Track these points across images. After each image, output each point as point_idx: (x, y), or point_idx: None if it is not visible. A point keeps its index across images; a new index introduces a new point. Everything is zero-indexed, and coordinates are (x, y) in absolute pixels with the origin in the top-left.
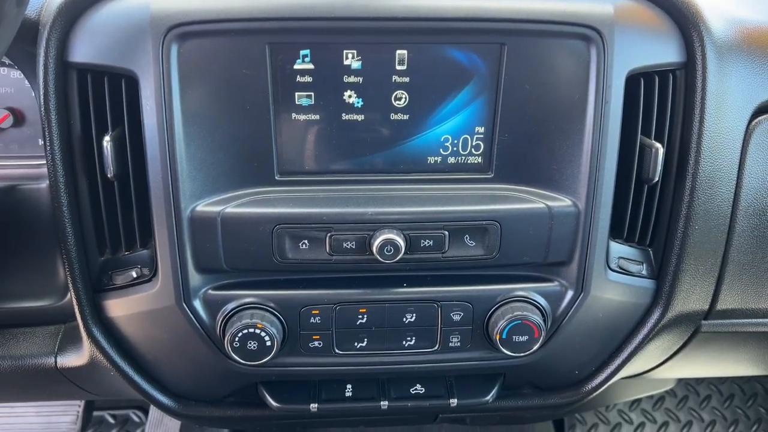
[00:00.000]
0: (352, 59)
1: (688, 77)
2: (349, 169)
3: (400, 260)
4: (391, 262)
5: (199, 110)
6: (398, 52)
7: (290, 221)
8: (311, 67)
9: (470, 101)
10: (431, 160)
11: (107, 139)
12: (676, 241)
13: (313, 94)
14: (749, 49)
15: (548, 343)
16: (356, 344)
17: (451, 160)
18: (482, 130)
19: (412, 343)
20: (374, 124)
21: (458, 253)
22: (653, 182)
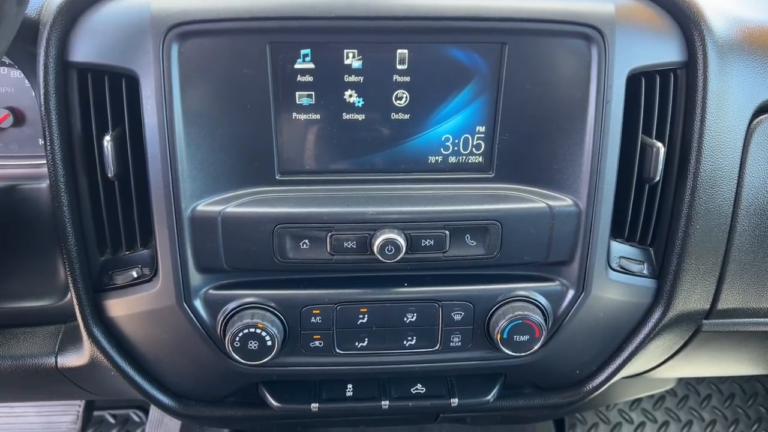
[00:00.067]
0: (352, 59)
1: (689, 76)
2: (349, 168)
3: (400, 260)
4: (391, 261)
5: (199, 110)
6: (399, 51)
7: (291, 221)
8: (312, 66)
9: (471, 101)
10: (432, 159)
11: (108, 138)
12: (677, 240)
13: (313, 93)
14: (750, 48)
15: (549, 342)
16: (357, 344)
17: (451, 159)
18: (483, 129)
19: (412, 342)
20: (375, 123)
21: (459, 252)
22: (654, 182)
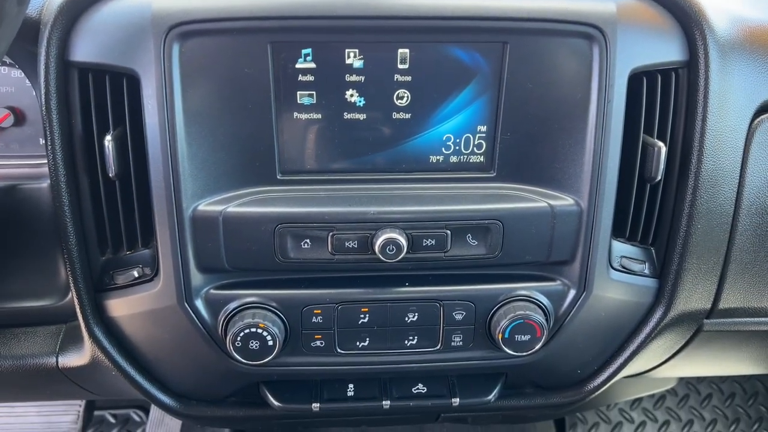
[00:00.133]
0: (354, 58)
1: (690, 76)
2: (351, 168)
3: (402, 259)
4: (393, 261)
5: (200, 109)
6: (400, 50)
7: (292, 221)
8: (313, 66)
9: (472, 100)
10: (433, 159)
11: (108, 138)
12: (678, 240)
13: (314, 93)
14: (752, 47)
15: (550, 342)
16: (358, 344)
17: (453, 159)
18: (484, 129)
19: (414, 342)
20: (376, 123)
21: (460, 252)
22: (656, 181)
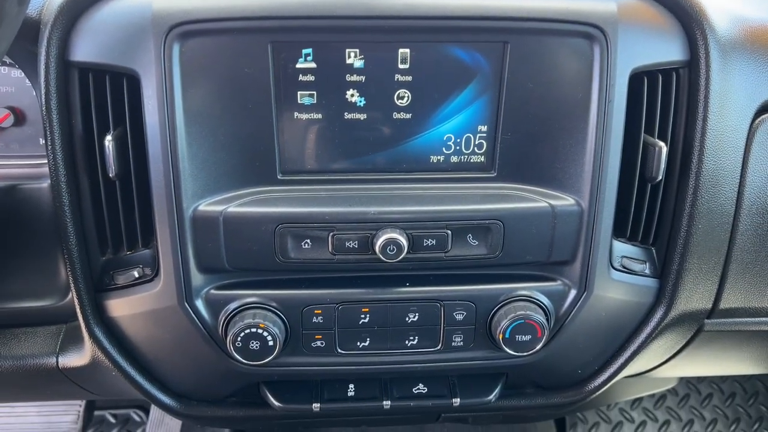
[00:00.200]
0: (354, 58)
1: (691, 75)
2: (351, 168)
3: (402, 260)
4: (393, 261)
5: (201, 109)
6: (401, 50)
7: (293, 221)
8: (313, 65)
9: (473, 100)
10: (434, 159)
11: (109, 138)
12: (679, 239)
13: (315, 93)
14: (753, 47)
15: (551, 342)
16: (359, 344)
17: (453, 159)
18: (485, 128)
19: (414, 342)
20: (377, 123)
21: (461, 252)
22: (656, 181)
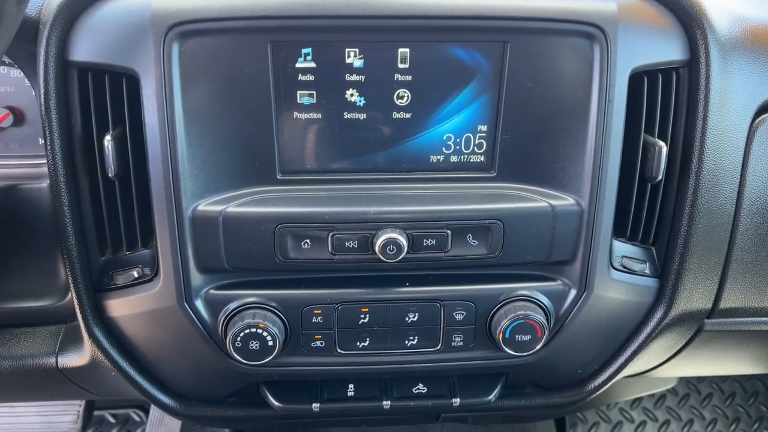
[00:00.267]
0: (354, 57)
1: (691, 75)
2: (351, 168)
3: (402, 259)
4: (393, 261)
5: (200, 109)
6: (400, 50)
7: (292, 221)
8: (313, 65)
9: (473, 100)
10: (434, 158)
11: (108, 138)
12: (679, 239)
13: (315, 92)
14: (753, 46)
15: (551, 342)
16: (358, 344)
17: (453, 158)
18: (485, 128)
19: (414, 342)
20: (376, 122)
21: (461, 252)
22: (657, 181)
